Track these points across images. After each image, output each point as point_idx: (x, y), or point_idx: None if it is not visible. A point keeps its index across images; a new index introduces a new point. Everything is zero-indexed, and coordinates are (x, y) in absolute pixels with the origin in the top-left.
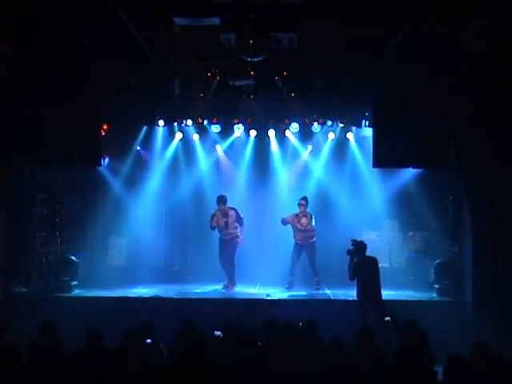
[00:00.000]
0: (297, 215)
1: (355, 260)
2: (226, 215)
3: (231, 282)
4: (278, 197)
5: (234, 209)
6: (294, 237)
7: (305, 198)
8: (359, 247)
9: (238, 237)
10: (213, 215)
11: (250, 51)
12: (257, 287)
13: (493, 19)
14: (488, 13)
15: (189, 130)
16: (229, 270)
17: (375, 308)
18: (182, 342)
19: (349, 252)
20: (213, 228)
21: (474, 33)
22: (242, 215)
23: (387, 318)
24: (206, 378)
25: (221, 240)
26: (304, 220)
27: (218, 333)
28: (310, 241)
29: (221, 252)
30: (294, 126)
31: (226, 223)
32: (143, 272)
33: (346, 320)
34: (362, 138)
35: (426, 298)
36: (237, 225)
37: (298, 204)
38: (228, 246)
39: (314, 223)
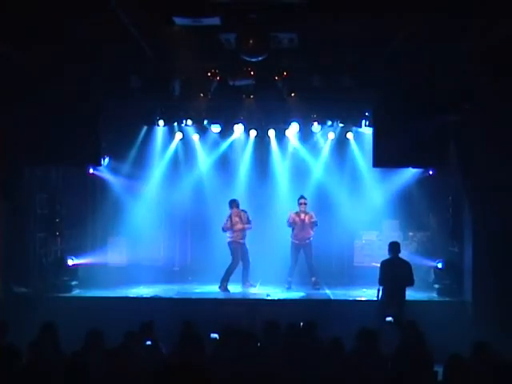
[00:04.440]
0: (297, 213)
1: (382, 260)
2: (240, 218)
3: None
4: (277, 197)
5: (244, 211)
6: (291, 236)
7: (304, 197)
8: (390, 246)
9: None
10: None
11: (249, 51)
12: (257, 287)
13: (493, 19)
14: (488, 13)
15: (189, 129)
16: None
17: (394, 310)
18: (181, 342)
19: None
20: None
21: (474, 33)
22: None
23: (389, 319)
24: (205, 378)
25: (240, 244)
26: (307, 217)
27: (214, 335)
28: (307, 241)
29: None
30: (294, 126)
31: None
32: (143, 272)
33: (346, 320)
34: (361, 137)
35: (425, 298)
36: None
37: (299, 204)
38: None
39: (317, 223)
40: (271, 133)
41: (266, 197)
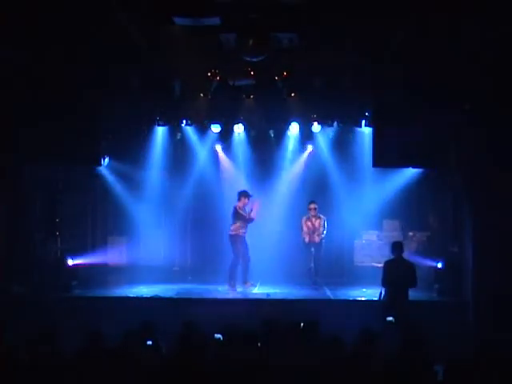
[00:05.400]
0: (308, 219)
1: (385, 260)
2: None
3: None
4: (277, 197)
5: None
6: (303, 237)
7: (313, 202)
8: (393, 246)
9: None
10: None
11: (250, 51)
12: (257, 287)
13: (493, 19)
14: (488, 13)
15: (189, 129)
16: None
17: (396, 311)
18: (182, 342)
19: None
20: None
21: (474, 33)
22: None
23: (389, 319)
24: (205, 378)
25: (241, 237)
26: (317, 222)
27: (218, 336)
28: (318, 241)
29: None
30: (294, 126)
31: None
32: (143, 272)
33: (346, 320)
34: (361, 137)
35: (425, 298)
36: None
37: (308, 209)
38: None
39: (325, 227)
40: (271, 133)
41: (265, 197)
